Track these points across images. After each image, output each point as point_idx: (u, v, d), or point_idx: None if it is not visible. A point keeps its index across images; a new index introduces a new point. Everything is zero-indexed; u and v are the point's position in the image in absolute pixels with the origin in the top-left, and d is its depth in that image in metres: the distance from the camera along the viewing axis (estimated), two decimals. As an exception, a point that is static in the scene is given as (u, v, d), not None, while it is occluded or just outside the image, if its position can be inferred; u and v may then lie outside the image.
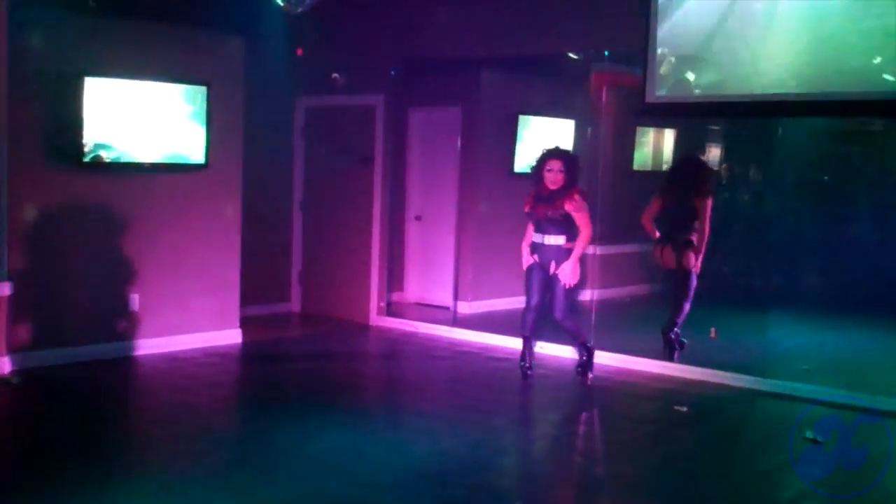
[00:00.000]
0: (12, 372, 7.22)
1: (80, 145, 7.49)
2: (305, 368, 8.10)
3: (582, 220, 7.37)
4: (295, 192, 10.43)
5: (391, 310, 10.07)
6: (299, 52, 9.93)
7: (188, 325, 8.37)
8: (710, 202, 8.18)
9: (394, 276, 10.45)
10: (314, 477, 5.28)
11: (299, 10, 7.29)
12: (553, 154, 7.48)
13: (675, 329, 8.27)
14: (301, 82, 10.17)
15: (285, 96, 10.20)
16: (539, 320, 7.70)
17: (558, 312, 7.46)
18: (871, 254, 11.52)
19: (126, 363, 7.76)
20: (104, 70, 7.58)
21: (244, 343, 8.71)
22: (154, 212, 8.08)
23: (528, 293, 7.65)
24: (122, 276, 7.93)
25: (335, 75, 9.82)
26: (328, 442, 5.91)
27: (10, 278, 7.26)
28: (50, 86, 7.42)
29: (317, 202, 10.33)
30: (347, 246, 10.02)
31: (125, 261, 7.94)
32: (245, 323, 8.90)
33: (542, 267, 7.48)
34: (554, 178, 7.37)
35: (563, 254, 7.40)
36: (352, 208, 9.97)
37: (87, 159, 7.54)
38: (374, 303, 9.87)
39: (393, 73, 9.72)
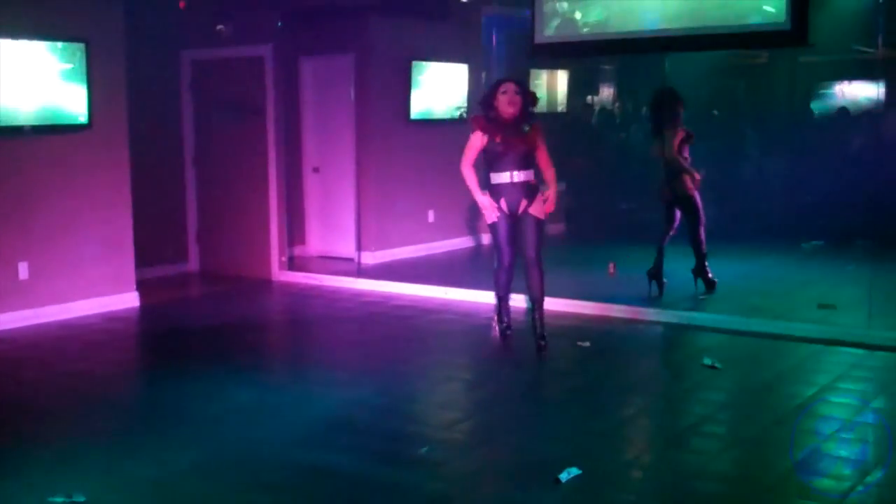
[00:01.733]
0: None
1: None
2: (206, 328, 7.95)
3: (544, 154, 6.76)
4: (186, 149, 10.16)
5: (294, 264, 9.96)
6: (182, 4, 9.63)
7: (82, 290, 8.13)
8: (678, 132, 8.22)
9: (294, 230, 10.31)
10: (220, 436, 5.20)
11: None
12: (505, 79, 6.83)
13: (705, 266, 8.41)
14: (185, 35, 9.88)
15: (169, 50, 9.90)
16: (512, 277, 7.01)
17: (531, 249, 6.72)
18: (763, 182, 11.82)
19: (17, 334, 7.51)
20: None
21: (142, 306, 8.50)
22: (38, 175, 7.79)
23: (499, 250, 6.89)
24: (8, 244, 7.65)
25: (220, 26, 9.56)
26: (233, 401, 5.82)
27: None
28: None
29: (210, 158, 10.08)
30: (244, 201, 9.82)
31: (10, 228, 7.65)
32: (142, 285, 8.69)
33: (510, 213, 6.70)
34: (511, 99, 6.59)
35: (532, 191, 6.69)
36: (247, 163, 9.77)
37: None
38: (274, 258, 9.73)
39: (280, 23, 9.50)
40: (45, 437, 5.27)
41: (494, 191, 6.68)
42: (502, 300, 7.16)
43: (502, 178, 6.64)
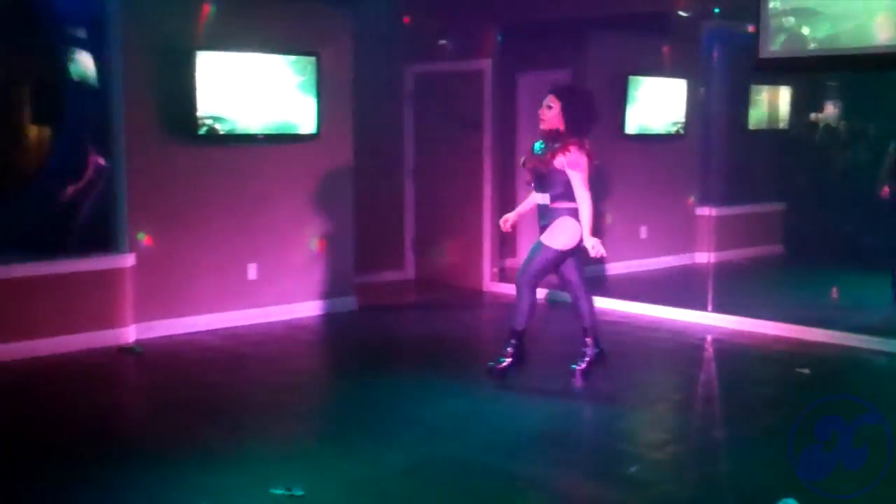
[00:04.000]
0: (136, 341, 7.44)
1: (195, 118, 7.63)
2: (420, 334, 8.15)
3: (575, 179, 6.02)
4: (406, 160, 10.46)
5: (504, 275, 10.04)
6: (406, 19, 9.94)
7: (304, 293, 8.50)
8: None
9: (506, 242, 10.40)
10: (432, 441, 5.32)
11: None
12: (553, 89, 6.27)
13: None
14: (409, 49, 10.17)
15: (393, 64, 10.22)
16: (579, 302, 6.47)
17: (520, 270, 6.36)
18: None
19: (245, 332, 7.92)
20: (216, 44, 7.72)
21: (359, 310, 8.80)
22: (268, 182, 8.21)
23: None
24: (240, 246, 8.09)
25: (443, 41, 9.79)
26: (445, 407, 5.94)
27: (132, 250, 7.48)
28: (164, 62, 7.58)
29: (428, 169, 10.34)
30: (459, 212, 10.01)
31: (242, 231, 8.09)
32: (360, 290, 8.99)
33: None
34: (543, 114, 6.20)
35: (549, 216, 6.18)
36: (463, 174, 9.96)
37: (201, 132, 7.69)
38: (487, 269, 9.86)
39: (500, 37, 9.64)
40: (267, 431, 5.55)
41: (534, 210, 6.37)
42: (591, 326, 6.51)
43: (534, 198, 6.38)
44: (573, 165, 6.01)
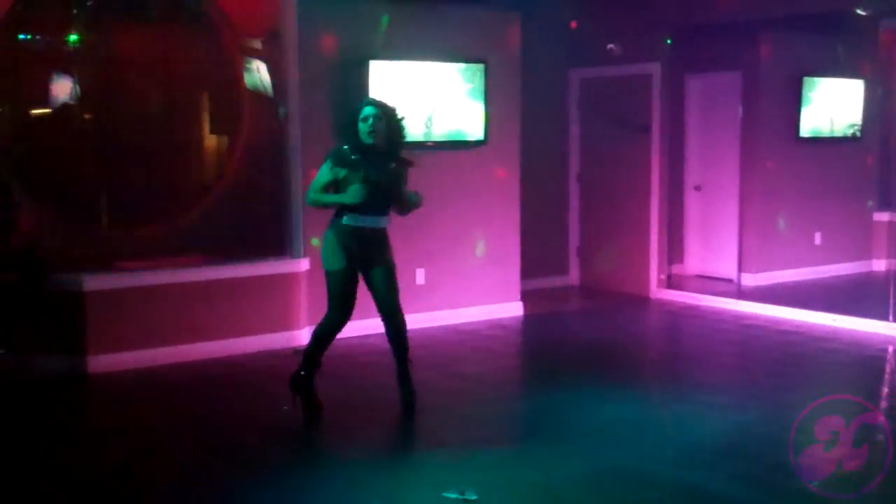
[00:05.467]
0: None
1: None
2: (587, 340, 8.10)
3: None
4: (571, 165, 10.42)
5: (671, 282, 9.88)
6: (573, 24, 9.90)
7: (471, 297, 8.57)
8: None
9: (673, 248, 10.23)
10: (604, 449, 5.27)
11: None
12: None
13: None
14: (575, 53, 10.13)
15: (559, 68, 10.19)
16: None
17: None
18: None
19: (413, 335, 8.01)
20: (387, 53, 7.86)
21: (525, 315, 8.81)
22: (436, 189, 8.28)
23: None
24: (409, 251, 8.21)
25: (611, 45, 9.70)
26: (615, 415, 5.88)
27: (306, 255, 7.70)
28: (337, 71, 7.77)
29: (594, 174, 10.27)
30: (625, 218, 9.90)
31: (410, 237, 8.21)
32: (525, 296, 9.00)
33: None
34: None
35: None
36: (629, 179, 9.84)
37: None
38: (653, 275, 9.71)
39: (669, 40, 9.49)
40: (437, 435, 5.61)
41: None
42: None
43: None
44: None
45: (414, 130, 7.96)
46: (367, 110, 5.75)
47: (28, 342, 6.74)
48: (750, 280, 9.85)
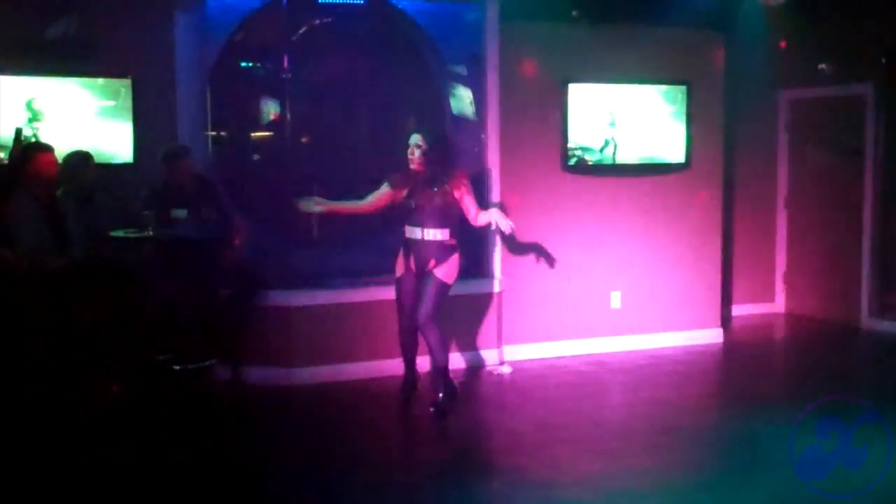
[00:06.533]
0: (503, 363, 7.74)
1: (566, 150, 7.87)
2: (788, 371, 7.83)
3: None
4: (779, 189, 10.09)
5: (885, 311, 9.38)
6: (783, 44, 9.62)
7: (667, 323, 8.45)
8: None
9: (889, 275, 9.73)
10: (794, 482, 5.10)
11: (780, 1, 7.09)
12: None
13: None
14: (783, 74, 9.82)
15: (765, 90, 9.90)
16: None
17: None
18: None
19: (607, 359, 8.00)
20: (586, 75, 7.90)
21: (724, 343, 8.60)
22: (634, 212, 8.26)
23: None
24: (603, 273, 8.20)
25: (822, 65, 9.36)
26: (809, 448, 5.66)
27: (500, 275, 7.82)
28: (537, 94, 7.87)
29: (803, 199, 9.91)
30: (835, 243, 9.50)
31: (607, 259, 8.20)
32: (726, 322, 8.79)
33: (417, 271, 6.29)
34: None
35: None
36: (840, 203, 9.44)
37: (571, 163, 7.90)
38: (864, 303, 9.25)
39: (884, 59, 9.06)
40: (623, 459, 5.56)
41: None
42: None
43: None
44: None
45: (612, 153, 8.00)
46: (412, 139, 6.23)
47: (240, 354, 7.13)
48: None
